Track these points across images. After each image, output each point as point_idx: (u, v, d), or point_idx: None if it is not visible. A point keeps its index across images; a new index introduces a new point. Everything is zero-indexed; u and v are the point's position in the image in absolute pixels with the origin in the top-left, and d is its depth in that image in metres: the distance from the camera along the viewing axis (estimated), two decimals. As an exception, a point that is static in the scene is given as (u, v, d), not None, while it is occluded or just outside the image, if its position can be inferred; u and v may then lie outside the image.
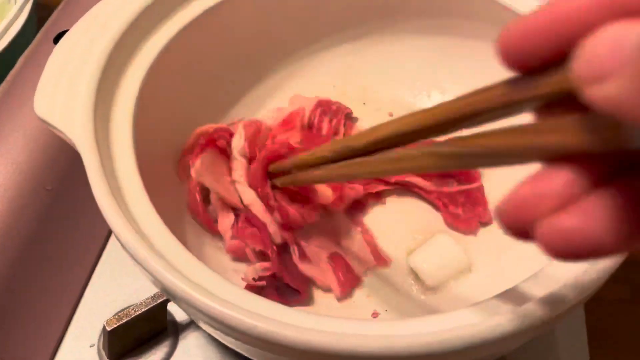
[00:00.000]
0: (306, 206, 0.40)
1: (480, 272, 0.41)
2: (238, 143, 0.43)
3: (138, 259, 0.28)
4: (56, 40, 0.52)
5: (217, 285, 0.29)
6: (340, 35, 0.51)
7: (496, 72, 0.47)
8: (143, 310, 0.39)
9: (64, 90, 0.34)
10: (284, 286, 0.39)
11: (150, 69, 0.38)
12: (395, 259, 0.42)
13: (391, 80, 0.51)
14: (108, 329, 0.39)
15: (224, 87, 0.47)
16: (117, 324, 0.39)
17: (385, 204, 0.45)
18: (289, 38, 0.49)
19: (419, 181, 0.43)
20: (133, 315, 0.39)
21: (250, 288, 0.38)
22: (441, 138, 0.25)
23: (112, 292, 0.45)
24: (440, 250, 0.41)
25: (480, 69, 0.48)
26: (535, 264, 0.31)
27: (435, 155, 0.24)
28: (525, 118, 0.20)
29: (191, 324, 0.43)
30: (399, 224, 0.44)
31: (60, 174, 0.46)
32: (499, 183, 0.44)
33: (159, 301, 0.40)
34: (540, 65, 0.18)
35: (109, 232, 0.48)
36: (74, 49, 0.36)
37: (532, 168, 0.19)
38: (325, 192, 0.41)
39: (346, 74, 0.52)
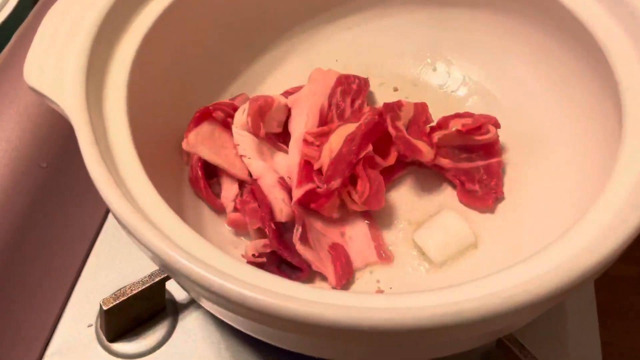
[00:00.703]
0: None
1: (489, 249, 0.40)
2: (240, 118, 0.41)
3: (131, 230, 0.27)
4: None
5: (216, 258, 0.28)
6: (341, 8, 0.49)
7: (501, 42, 0.45)
8: (140, 288, 0.38)
9: (54, 58, 0.33)
10: (286, 264, 0.38)
11: (144, 39, 0.37)
12: (402, 237, 0.41)
13: (395, 54, 0.49)
14: (104, 308, 0.38)
15: (221, 61, 0.46)
16: (114, 303, 0.38)
17: (400, 182, 0.44)
18: (287, 12, 0.48)
19: (438, 159, 0.41)
20: (130, 294, 0.38)
21: (250, 265, 0.37)
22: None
23: (110, 271, 0.44)
24: (446, 226, 0.40)
25: (484, 40, 0.47)
26: (545, 242, 0.30)
27: None
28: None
29: (191, 304, 0.42)
30: (411, 203, 0.42)
31: (56, 151, 0.45)
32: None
33: (156, 279, 0.39)
34: None
35: (107, 210, 0.47)
36: (64, 18, 0.35)
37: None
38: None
39: (348, 49, 0.50)
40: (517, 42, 0.45)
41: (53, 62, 0.33)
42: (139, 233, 0.27)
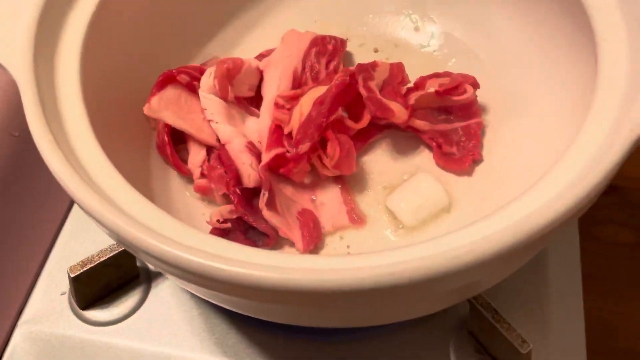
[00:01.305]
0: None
1: (464, 212, 0.38)
2: (207, 81, 0.40)
3: (74, 197, 0.26)
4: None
5: (171, 228, 0.27)
6: (322, -35, 0.48)
7: (484, 2, 0.43)
8: (108, 256, 0.38)
9: (4, 20, 0.32)
10: (253, 230, 0.37)
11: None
12: (375, 201, 0.40)
13: (376, 12, 0.47)
14: (71, 275, 0.37)
15: (192, 23, 0.44)
16: (81, 270, 0.38)
17: (375, 146, 0.42)
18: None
19: (413, 121, 0.40)
20: (98, 261, 0.38)
21: (216, 231, 0.36)
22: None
23: (84, 239, 0.43)
24: (419, 189, 0.39)
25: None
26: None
27: None
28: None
29: (164, 271, 0.42)
30: (386, 167, 0.41)
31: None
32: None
33: (124, 247, 0.38)
34: None
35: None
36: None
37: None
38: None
39: (327, 8, 0.48)
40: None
41: (3, 24, 0.32)
42: (82, 201, 0.26)
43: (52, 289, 0.41)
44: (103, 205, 0.25)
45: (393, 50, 0.47)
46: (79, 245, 0.43)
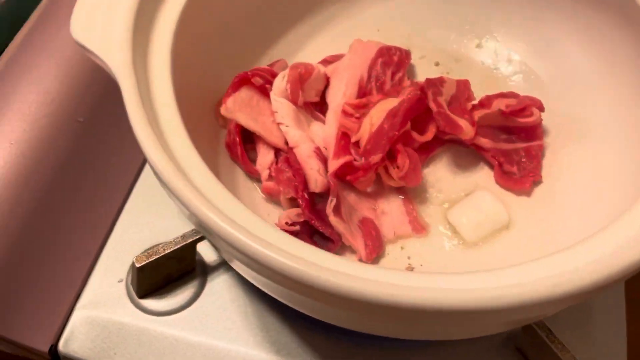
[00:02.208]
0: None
1: (522, 231, 0.39)
2: (280, 84, 0.41)
3: (176, 193, 0.27)
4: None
5: (255, 224, 0.28)
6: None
7: (551, 20, 0.44)
8: (173, 248, 0.39)
9: (102, 13, 0.32)
10: (318, 234, 0.38)
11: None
12: (435, 214, 0.41)
13: (439, 25, 0.48)
14: (137, 265, 0.38)
15: (261, 25, 0.45)
16: (147, 261, 0.38)
17: (436, 159, 0.43)
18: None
19: (478, 139, 0.40)
20: (162, 254, 0.38)
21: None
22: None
23: (141, 229, 0.44)
24: (480, 206, 0.40)
25: (533, 16, 0.45)
26: (582, 229, 0.29)
27: None
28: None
29: (220, 266, 0.42)
30: (446, 181, 0.42)
31: (93, 106, 0.45)
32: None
33: (189, 240, 0.39)
34: None
35: (140, 169, 0.47)
36: (112, -28, 0.34)
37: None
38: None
39: (391, 19, 0.49)
40: (568, 21, 0.43)
41: (100, 17, 0.32)
42: (183, 196, 0.27)
43: (109, 275, 0.42)
44: (207, 206, 0.26)
45: (454, 65, 0.48)
46: (135, 234, 0.44)
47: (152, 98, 0.31)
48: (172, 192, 0.27)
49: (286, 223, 0.37)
